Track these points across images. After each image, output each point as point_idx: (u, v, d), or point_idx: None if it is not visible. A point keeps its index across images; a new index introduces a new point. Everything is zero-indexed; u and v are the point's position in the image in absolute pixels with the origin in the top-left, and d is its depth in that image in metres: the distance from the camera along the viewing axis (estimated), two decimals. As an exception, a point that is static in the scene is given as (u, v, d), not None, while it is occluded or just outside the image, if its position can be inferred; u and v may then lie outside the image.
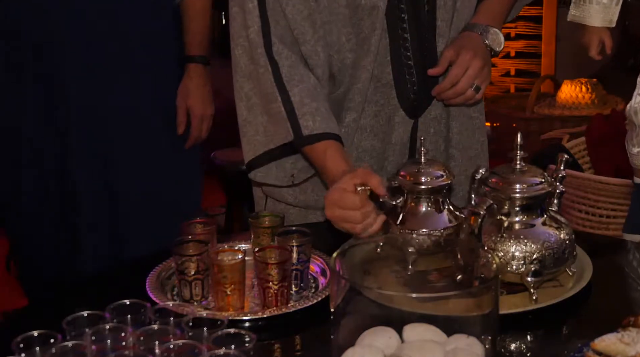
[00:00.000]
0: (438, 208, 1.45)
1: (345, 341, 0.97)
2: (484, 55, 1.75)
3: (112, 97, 2.28)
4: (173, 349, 1.07)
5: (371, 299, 0.96)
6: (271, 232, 1.48)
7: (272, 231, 1.48)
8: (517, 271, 1.34)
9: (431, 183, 1.44)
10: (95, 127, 2.28)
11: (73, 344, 1.08)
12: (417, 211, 1.45)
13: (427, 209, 1.45)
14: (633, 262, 1.56)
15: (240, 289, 1.33)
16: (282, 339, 1.30)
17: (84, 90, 2.26)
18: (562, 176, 1.42)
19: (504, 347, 1.21)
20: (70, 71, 2.24)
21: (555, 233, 1.36)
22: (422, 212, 1.45)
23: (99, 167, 2.30)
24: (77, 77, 2.25)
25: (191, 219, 1.52)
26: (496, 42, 1.79)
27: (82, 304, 1.18)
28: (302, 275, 1.40)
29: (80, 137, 2.27)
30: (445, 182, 1.45)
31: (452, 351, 0.94)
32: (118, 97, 2.28)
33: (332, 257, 1.03)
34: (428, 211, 1.45)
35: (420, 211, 1.45)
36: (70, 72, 2.24)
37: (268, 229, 1.49)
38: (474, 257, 1.11)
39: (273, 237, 1.46)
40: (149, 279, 1.40)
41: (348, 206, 1.44)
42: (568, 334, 1.30)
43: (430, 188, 1.44)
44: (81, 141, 2.28)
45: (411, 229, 1.44)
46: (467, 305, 0.97)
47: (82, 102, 2.26)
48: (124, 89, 2.28)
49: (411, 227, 1.44)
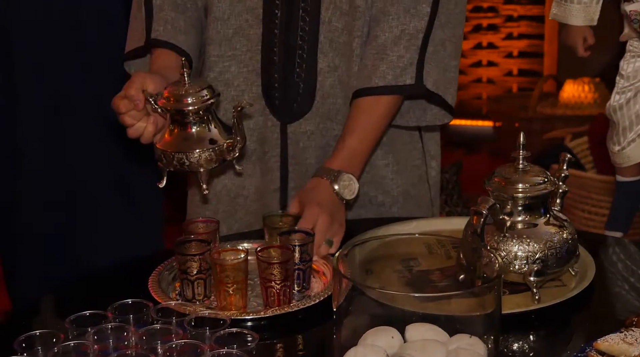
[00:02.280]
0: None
1: (348, 341, 0.97)
2: (332, 208, 1.56)
3: (64, 86, 2.32)
4: (175, 348, 1.08)
5: (374, 299, 0.96)
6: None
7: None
8: (520, 270, 1.34)
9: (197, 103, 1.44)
10: (44, 118, 2.32)
11: (75, 344, 1.08)
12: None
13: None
14: (636, 262, 1.56)
15: (242, 289, 1.33)
16: (284, 339, 1.29)
17: (35, 76, 2.30)
18: (565, 176, 1.42)
19: (507, 347, 1.21)
20: (22, 55, 2.28)
21: (558, 233, 1.36)
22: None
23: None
24: (30, 61, 2.29)
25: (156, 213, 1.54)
26: (348, 190, 1.60)
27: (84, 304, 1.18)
28: (304, 275, 1.40)
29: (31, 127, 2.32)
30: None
31: (454, 351, 0.94)
32: (69, 85, 2.32)
33: (335, 257, 1.03)
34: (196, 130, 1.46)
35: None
36: (22, 56, 2.28)
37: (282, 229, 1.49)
38: (476, 256, 1.11)
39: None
40: (152, 278, 1.40)
41: (119, 111, 1.49)
42: (571, 334, 1.30)
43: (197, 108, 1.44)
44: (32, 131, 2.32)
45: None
46: (470, 305, 0.97)
47: (32, 92, 2.31)
48: (78, 76, 2.32)
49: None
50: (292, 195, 1.73)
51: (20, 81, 2.33)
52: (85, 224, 2.45)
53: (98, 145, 2.42)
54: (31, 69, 2.33)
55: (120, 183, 2.48)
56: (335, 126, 1.74)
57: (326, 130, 1.74)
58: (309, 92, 1.72)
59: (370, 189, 1.81)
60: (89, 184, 2.43)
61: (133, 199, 2.50)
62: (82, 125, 2.40)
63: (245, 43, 1.71)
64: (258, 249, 1.35)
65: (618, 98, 2.51)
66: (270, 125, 1.74)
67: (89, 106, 2.39)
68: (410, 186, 1.85)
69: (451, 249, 1.32)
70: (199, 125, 1.45)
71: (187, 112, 1.43)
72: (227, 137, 1.46)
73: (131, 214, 2.50)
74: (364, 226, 1.62)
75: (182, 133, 1.45)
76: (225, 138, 1.46)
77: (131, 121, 1.48)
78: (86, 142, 2.41)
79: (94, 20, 2.35)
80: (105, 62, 2.38)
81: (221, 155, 1.46)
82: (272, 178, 1.77)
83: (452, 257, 1.29)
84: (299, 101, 1.73)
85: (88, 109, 2.39)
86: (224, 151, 1.46)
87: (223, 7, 1.70)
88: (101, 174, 2.44)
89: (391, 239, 1.20)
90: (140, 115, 1.48)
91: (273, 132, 1.75)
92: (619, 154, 2.56)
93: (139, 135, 1.50)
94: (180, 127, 1.46)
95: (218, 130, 1.46)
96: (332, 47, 1.69)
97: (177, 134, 1.46)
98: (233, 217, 1.80)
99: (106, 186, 2.45)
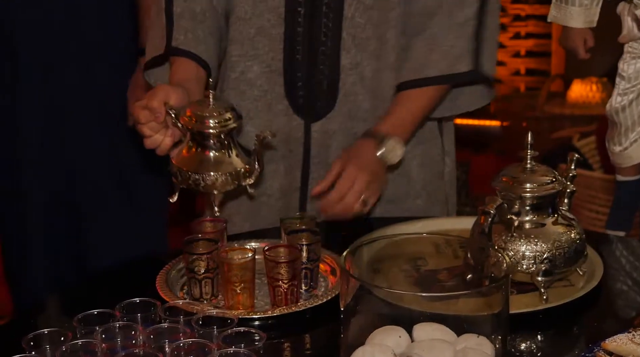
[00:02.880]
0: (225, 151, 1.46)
1: (355, 340, 0.97)
2: (375, 170, 1.65)
3: (64, 86, 2.32)
4: (183, 347, 1.08)
5: (381, 298, 0.96)
6: None
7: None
8: (528, 270, 1.34)
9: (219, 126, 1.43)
10: (46, 120, 2.33)
11: (83, 342, 1.08)
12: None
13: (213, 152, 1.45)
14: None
15: (250, 288, 1.33)
16: (291, 338, 1.30)
17: (36, 79, 2.31)
18: (573, 176, 1.41)
19: (514, 347, 1.21)
20: (23, 59, 2.29)
21: (566, 232, 1.36)
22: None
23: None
24: (28, 66, 2.30)
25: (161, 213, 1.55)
26: (392, 153, 1.66)
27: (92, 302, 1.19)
28: (312, 274, 1.40)
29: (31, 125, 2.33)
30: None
31: (462, 351, 0.94)
32: (70, 87, 2.33)
33: (342, 256, 1.02)
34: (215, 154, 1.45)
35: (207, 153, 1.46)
36: (23, 60, 2.29)
37: None
38: (484, 256, 1.11)
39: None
40: (159, 277, 1.40)
41: (139, 121, 1.48)
42: (578, 334, 1.30)
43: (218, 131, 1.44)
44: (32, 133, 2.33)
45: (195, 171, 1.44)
46: (477, 304, 0.97)
47: (33, 93, 2.31)
48: (78, 76, 2.33)
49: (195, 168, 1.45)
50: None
51: (22, 82, 2.34)
52: (89, 224, 2.45)
53: (101, 147, 2.43)
54: (34, 70, 2.34)
55: (125, 184, 2.48)
56: (357, 125, 1.75)
57: (349, 130, 1.75)
58: (331, 90, 1.73)
59: (400, 182, 1.83)
60: (93, 185, 2.43)
61: (137, 200, 2.50)
62: (85, 126, 2.41)
63: (267, 43, 1.71)
64: (265, 248, 1.35)
65: (620, 99, 2.50)
66: (295, 124, 1.75)
67: (92, 107, 2.40)
68: (429, 181, 1.87)
69: (459, 248, 1.31)
70: (218, 149, 1.45)
71: (208, 135, 1.43)
72: (245, 162, 1.46)
73: (135, 215, 2.51)
74: (372, 225, 1.61)
75: (201, 154, 1.45)
76: (244, 164, 1.46)
77: (150, 133, 1.49)
78: (89, 143, 2.42)
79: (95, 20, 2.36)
80: (108, 63, 2.39)
81: (237, 180, 1.46)
82: (294, 177, 1.78)
83: (459, 256, 1.29)
84: (322, 100, 1.74)
85: (91, 110, 2.40)
86: (240, 177, 1.46)
87: (245, 8, 1.70)
88: (105, 175, 2.45)
89: (399, 238, 1.20)
90: (159, 127, 1.48)
91: (297, 132, 1.75)
92: (620, 154, 2.56)
93: (155, 146, 1.50)
94: (200, 148, 1.45)
95: (237, 155, 1.47)
96: (354, 44, 1.70)
97: (196, 154, 1.45)
98: (256, 216, 1.81)
99: (110, 187, 2.46)
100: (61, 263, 2.45)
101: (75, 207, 2.43)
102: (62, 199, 2.42)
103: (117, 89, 2.42)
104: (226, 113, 1.44)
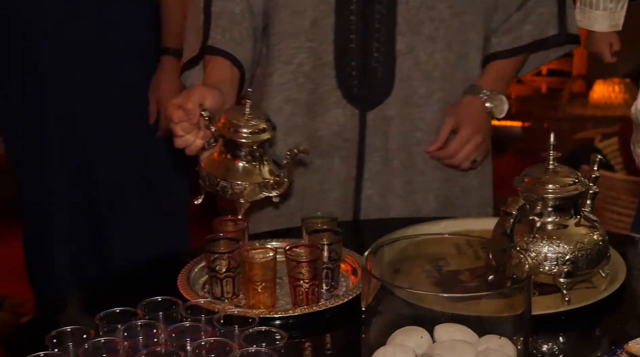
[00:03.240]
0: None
1: (376, 340, 0.97)
2: (485, 128, 1.76)
3: (87, 84, 2.34)
4: (204, 346, 1.08)
5: (402, 299, 0.96)
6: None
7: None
8: (550, 272, 1.33)
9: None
10: (69, 118, 2.34)
11: (106, 340, 1.09)
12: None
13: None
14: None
15: (271, 287, 1.33)
16: (312, 338, 1.30)
17: (60, 77, 2.32)
18: (596, 177, 1.40)
19: (536, 349, 1.20)
20: (47, 57, 2.31)
21: (589, 234, 1.35)
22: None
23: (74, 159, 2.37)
24: (53, 64, 2.31)
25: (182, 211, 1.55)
26: (499, 109, 1.77)
27: (114, 301, 1.19)
28: (333, 273, 1.40)
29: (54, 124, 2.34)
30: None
31: (483, 352, 0.94)
32: (93, 85, 2.34)
33: (364, 256, 1.02)
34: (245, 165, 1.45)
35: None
36: (47, 58, 2.31)
37: None
38: (506, 257, 1.10)
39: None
40: (181, 276, 1.41)
41: (173, 120, 1.48)
42: (601, 336, 1.29)
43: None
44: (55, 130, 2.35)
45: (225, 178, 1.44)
46: (499, 305, 0.97)
47: (57, 92, 2.33)
48: (101, 75, 2.34)
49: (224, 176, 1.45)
50: (367, 185, 1.77)
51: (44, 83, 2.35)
52: (112, 223, 2.47)
53: (124, 146, 2.44)
54: (57, 70, 2.35)
55: (147, 183, 2.49)
56: (413, 111, 1.76)
57: (405, 116, 1.76)
58: (387, 77, 1.73)
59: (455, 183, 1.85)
60: (116, 184, 2.45)
61: (159, 198, 2.51)
62: (108, 125, 2.42)
63: (320, 34, 1.72)
64: (287, 247, 1.35)
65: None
66: (349, 114, 1.75)
67: (115, 106, 2.41)
68: (482, 183, 1.91)
69: (480, 249, 1.31)
70: (250, 159, 1.45)
71: (241, 144, 1.43)
72: (275, 175, 1.46)
73: (157, 214, 2.52)
74: (393, 225, 1.61)
75: (231, 162, 1.45)
76: (273, 175, 1.46)
77: (182, 133, 1.49)
78: (112, 142, 2.42)
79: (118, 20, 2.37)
80: (132, 63, 2.40)
81: (265, 190, 1.46)
82: (349, 166, 1.78)
83: (481, 257, 1.28)
84: (377, 87, 1.74)
85: (114, 109, 2.41)
86: (269, 188, 1.46)
87: (301, 0, 1.71)
88: (128, 174, 2.46)
89: (420, 238, 1.20)
90: (192, 128, 1.49)
91: (352, 122, 1.76)
92: None
93: (185, 146, 1.51)
94: (231, 155, 1.45)
95: (268, 166, 1.46)
96: (409, 28, 1.71)
97: (226, 161, 1.46)
98: (318, 210, 1.81)
99: (133, 186, 2.47)
100: (83, 261, 2.47)
101: (98, 206, 2.45)
102: (84, 198, 2.43)
103: (139, 88, 2.43)
104: (261, 124, 1.44)
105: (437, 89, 1.75)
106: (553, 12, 1.82)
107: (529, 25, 1.81)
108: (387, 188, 1.78)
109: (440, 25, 1.72)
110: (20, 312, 3.66)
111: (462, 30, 1.75)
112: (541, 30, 1.82)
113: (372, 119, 1.75)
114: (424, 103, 1.75)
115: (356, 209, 1.79)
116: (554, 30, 1.82)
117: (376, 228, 1.56)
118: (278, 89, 1.76)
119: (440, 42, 1.73)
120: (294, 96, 1.75)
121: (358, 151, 1.77)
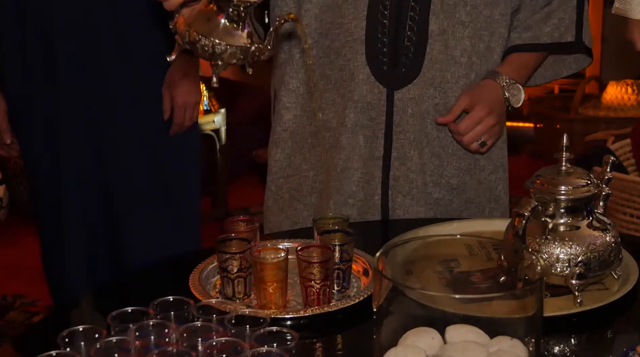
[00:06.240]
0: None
1: (388, 341, 0.97)
2: (500, 112, 1.76)
3: (102, 85, 2.34)
4: (215, 346, 1.08)
5: (414, 299, 0.96)
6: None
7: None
8: (562, 273, 1.33)
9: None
10: (85, 112, 2.35)
11: (117, 340, 1.09)
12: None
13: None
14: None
15: (282, 288, 1.33)
16: (323, 338, 1.30)
17: (74, 74, 2.32)
18: (608, 178, 1.40)
19: (548, 350, 1.20)
20: (61, 56, 2.31)
21: (601, 236, 1.35)
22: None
23: (91, 157, 2.37)
24: (67, 59, 2.32)
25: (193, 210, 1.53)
26: (516, 98, 1.79)
27: (126, 300, 1.20)
28: (344, 274, 1.40)
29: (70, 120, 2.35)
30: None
31: (495, 353, 0.94)
32: (110, 81, 2.35)
33: (375, 257, 1.02)
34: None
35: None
36: (61, 57, 2.31)
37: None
38: (518, 258, 1.10)
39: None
40: (192, 276, 1.41)
41: None
42: (613, 338, 1.29)
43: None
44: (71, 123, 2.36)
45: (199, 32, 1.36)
46: (511, 307, 0.97)
47: (71, 89, 2.33)
48: (118, 71, 2.34)
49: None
50: (396, 165, 1.77)
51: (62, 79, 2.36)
52: (124, 223, 2.47)
53: (138, 145, 2.44)
54: (73, 68, 2.35)
55: (160, 183, 2.49)
56: (438, 95, 1.76)
57: (431, 98, 1.77)
58: (418, 57, 1.74)
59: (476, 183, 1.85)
60: (129, 184, 2.45)
61: (171, 198, 2.52)
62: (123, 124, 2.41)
63: (352, 11, 1.72)
64: (298, 248, 1.35)
65: None
66: (377, 92, 1.75)
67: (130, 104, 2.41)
68: (493, 175, 1.89)
69: (492, 250, 1.31)
70: (236, 19, 1.37)
71: (230, 1, 1.35)
72: (258, 42, 1.38)
73: (169, 214, 2.52)
74: (405, 226, 1.61)
75: (216, 20, 1.37)
76: (257, 43, 1.38)
77: None
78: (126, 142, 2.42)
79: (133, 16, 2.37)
80: (148, 59, 2.40)
81: (245, 57, 1.38)
82: (376, 145, 1.78)
83: (492, 258, 1.29)
84: (407, 66, 1.74)
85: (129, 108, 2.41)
86: (249, 55, 1.38)
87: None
88: (140, 174, 2.46)
89: (432, 239, 1.20)
90: None
91: (379, 100, 1.76)
92: None
93: None
94: (217, 13, 1.37)
95: (252, 32, 1.39)
96: (442, 9, 1.72)
97: (211, 19, 1.37)
98: (340, 191, 1.81)
99: (146, 186, 2.47)
100: (96, 262, 2.47)
101: (111, 206, 2.45)
102: (98, 198, 2.44)
103: (153, 86, 2.43)
104: None
105: (462, 75, 1.76)
106: (572, 18, 1.83)
107: (549, 27, 1.82)
108: (411, 170, 1.78)
109: (472, 11, 1.74)
110: (32, 311, 3.68)
111: (492, 21, 1.77)
112: (560, 34, 1.83)
113: (399, 98, 1.75)
114: (449, 88, 1.76)
115: (384, 189, 1.78)
116: (571, 38, 1.84)
117: (387, 229, 1.56)
118: (317, 63, 1.77)
119: (470, 28, 1.74)
120: (327, 72, 1.76)
121: (385, 131, 1.77)
